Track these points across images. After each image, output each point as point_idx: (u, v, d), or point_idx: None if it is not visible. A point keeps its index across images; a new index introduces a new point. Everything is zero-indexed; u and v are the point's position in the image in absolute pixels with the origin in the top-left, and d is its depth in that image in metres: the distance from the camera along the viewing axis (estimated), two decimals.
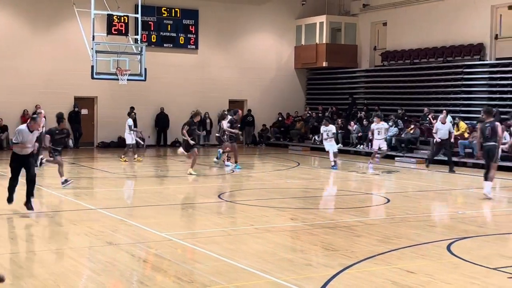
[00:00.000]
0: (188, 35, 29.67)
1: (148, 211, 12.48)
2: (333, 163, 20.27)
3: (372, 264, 8.09)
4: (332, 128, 20.74)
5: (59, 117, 15.55)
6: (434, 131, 20.70)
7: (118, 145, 28.18)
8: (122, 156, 21.69)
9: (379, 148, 20.41)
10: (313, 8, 31.81)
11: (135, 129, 22.35)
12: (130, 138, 21.55)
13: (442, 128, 20.20)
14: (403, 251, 8.80)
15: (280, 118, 31.81)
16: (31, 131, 11.46)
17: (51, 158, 15.37)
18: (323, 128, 20.79)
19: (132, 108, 25.36)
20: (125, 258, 8.38)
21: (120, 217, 11.19)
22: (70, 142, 16.55)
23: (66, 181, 15.05)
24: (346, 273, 7.61)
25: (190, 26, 29.69)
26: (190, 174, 17.80)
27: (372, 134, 20.57)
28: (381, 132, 20.25)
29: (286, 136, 30.97)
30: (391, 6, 29.13)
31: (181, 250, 8.90)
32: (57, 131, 15.20)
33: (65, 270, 7.80)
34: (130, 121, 21.64)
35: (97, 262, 8.21)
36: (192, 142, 18.05)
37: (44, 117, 18.70)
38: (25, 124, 11.64)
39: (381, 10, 29.82)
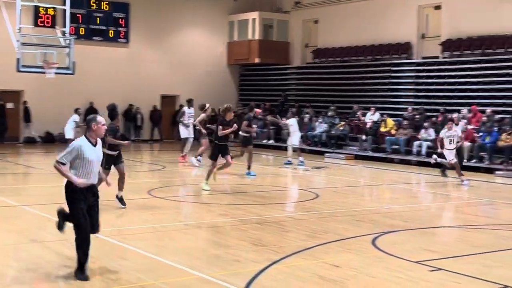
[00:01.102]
0: (119, 29, 29.22)
1: None
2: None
3: (300, 258, 8.18)
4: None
5: (112, 110, 11.85)
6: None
7: (45, 141, 27.55)
8: None
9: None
10: (246, 4, 31.87)
11: (81, 124, 22.11)
12: (71, 133, 21.02)
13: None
14: (330, 246, 8.95)
15: (213, 114, 31.68)
16: (95, 145, 7.18)
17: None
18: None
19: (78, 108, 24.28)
20: (51, 256, 8.18)
21: (46, 214, 10.90)
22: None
23: (121, 200, 11.77)
24: (273, 268, 7.67)
25: (121, 20, 29.23)
26: (204, 189, 13.99)
27: (442, 143, 16.51)
28: (453, 140, 16.43)
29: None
30: (322, 4, 29.53)
31: (108, 247, 8.76)
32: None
33: None
34: (76, 117, 21.10)
35: (21, 261, 7.99)
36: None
37: None
38: (83, 137, 7.16)
39: (312, 8, 30.19)
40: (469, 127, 20.78)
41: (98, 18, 28.66)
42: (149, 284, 6.89)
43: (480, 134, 20.32)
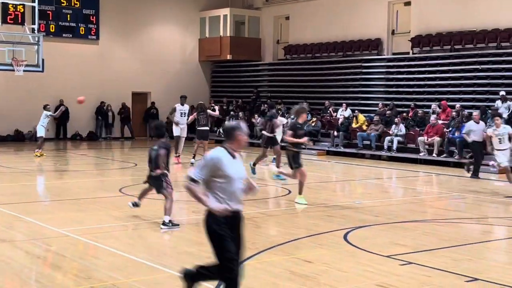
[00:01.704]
0: (89, 25, 28.94)
1: (46, 206, 12.12)
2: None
3: (272, 254, 8.21)
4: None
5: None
6: (464, 132, 17.02)
7: (14, 139, 27.22)
8: (37, 151, 20.45)
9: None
10: (217, 0, 31.80)
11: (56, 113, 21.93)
12: (43, 131, 20.54)
13: (477, 129, 16.46)
14: (302, 241, 8.99)
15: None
16: (234, 157, 5.60)
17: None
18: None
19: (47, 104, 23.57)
20: (20, 255, 8.09)
21: (15, 213, 10.79)
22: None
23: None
24: (245, 264, 7.65)
25: (91, 16, 28.96)
26: (298, 203, 11.97)
27: (490, 142, 14.42)
28: (503, 139, 14.03)
29: (191, 129, 30.79)
30: (293, 0, 29.57)
31: (79, 246, 8.70)
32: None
33: None
34: (48, 113, 20.68)
35: None
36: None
37: None
38: (221, 148, 5.62)
39: (283, 4, 30.23)
40: (439, 122, 21.03)
41: (68, 15, 28.35)
42: (121, 282, 6.85)
43: (450, 129, 20.56)
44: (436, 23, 24.04)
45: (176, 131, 19.42)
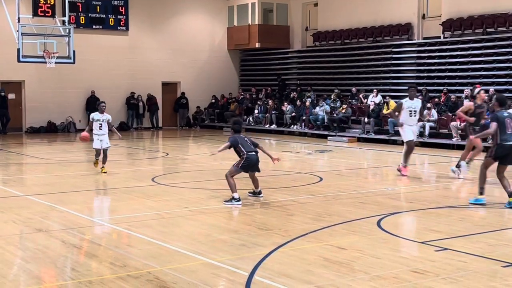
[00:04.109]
0: (118, 16, 29.14)
1: (80, 196, 12.25)
2: None
3: (305, 242, 8.20)
4: None
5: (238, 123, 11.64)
6: None
7: (47, 130, 27.64)
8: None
9: None
10: None
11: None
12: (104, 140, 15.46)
13: None
14: (335, 228, 8.96)
15: (213, 100, 31.73)
16: None
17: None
18: None
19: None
20: (56, 244, 8.20)
21: (50, 203, 10.94)
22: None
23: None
24: (279, 251, 7.69)
25: (120, 7, 29.15)
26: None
27: None
28: None
29: (221, 118, 30.95)
30: None
31: (114, 235, 8.80)
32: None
33: None
34: (96, 115, 18.30)
35: (26, 250, 8.01)
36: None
37: None
38: None
39: None
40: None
41: (97, 7, 28.58)
42: (156, 270, 6.91)
43: None
44: (467, 6, 23.64)
45: (407, 135, 14.25)
